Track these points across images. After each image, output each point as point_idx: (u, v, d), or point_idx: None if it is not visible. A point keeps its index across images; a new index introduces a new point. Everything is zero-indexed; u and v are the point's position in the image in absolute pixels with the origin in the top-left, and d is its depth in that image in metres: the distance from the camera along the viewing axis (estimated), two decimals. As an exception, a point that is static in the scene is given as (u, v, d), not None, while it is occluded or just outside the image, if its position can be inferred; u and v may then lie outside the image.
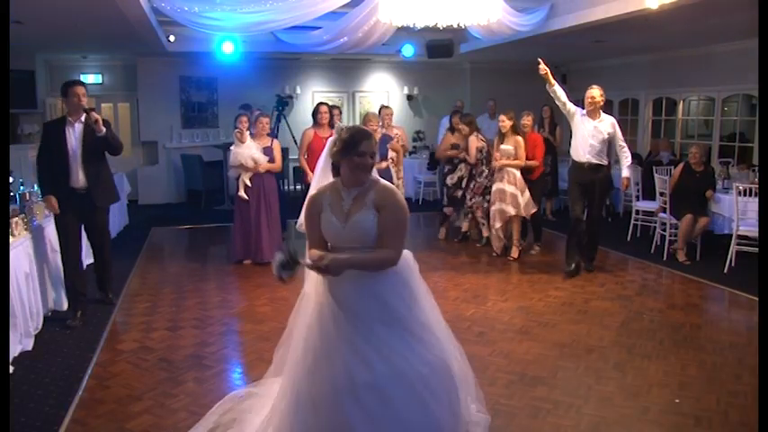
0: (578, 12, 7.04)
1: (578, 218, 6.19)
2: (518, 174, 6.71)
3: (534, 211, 6.90)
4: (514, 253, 6.88)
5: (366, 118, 6.76)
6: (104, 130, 4.60)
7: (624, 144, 6.12)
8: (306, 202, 2.70)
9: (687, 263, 6.59)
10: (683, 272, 6.35)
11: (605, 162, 6.16)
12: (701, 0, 5.66)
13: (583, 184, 6.13)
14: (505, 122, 6.80)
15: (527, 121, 7.15)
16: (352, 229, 2.53)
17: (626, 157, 6.13)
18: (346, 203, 2.57)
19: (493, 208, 6.85)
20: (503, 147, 6.77)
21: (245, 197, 6.54)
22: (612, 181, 6.13)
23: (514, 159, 6.70)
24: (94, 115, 4.55)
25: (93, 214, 4.88)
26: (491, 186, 7.00)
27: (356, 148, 2.53)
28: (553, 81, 6.03)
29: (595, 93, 5.99)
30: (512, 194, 6.68)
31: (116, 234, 8.11)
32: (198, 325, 4.81)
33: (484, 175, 7.23)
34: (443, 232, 7.96)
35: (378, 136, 6.44)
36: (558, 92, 6.09)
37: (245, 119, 6.71)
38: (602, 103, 6.00)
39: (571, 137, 6.28)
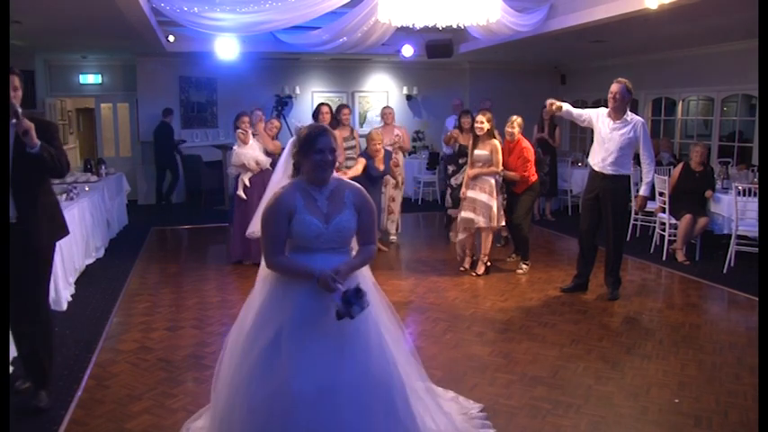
0: (578, 12, 7.04)
1: (583, 232, 5.50)
2: (492, 181, 6.02)
3: (514, 223, 6.37)
4: (479, 269, 6.20)
5: (369, 137, 6.65)
6: (38, 144, 3.09)
7: (650, 156, 5.18)
8: (270, 204, 2.53)
9: (686, 263, 6.59)
10: (683, 272, 6.35)
11: (624, 172, 5.23)
12: (701, 0, 5.66)
13: (593, 194, 5.35)
14: (483, 124, 6.01)
15: (511, 128, 6.25)
16: (336, 229, 2.49)
17: (647, 172, 5.21)
18: (322, 203, 2.52)
19: (461, 215, 6.22)
20: (477, 152, 6.07)
21: (244, 197, 6.55)
22: (629, 194, 5.32)
23: (489, 166, 6.00)
24: (25, 123, 3.04)
25: (26, 257, 3.24)
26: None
27: (314, 146, 2.49)
28: (560, 104, 5.30)
29: (615, 86, 5.12)
30: (484, 204, 5.99)
31: (116, 234, 8.13)
32: (197, 325, 4.81)
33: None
34: (454, 235, 7.84)
35: (380, 155, 6.50)
36: (569, 111, 5.38)
37: (246, 119, 6.70)
38: (623, 99, 5.12)
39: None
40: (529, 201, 6.40)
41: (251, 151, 6.53)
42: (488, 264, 6.28)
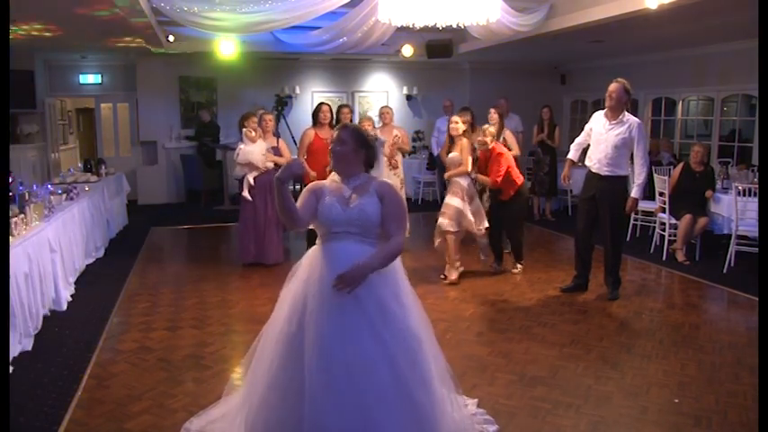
0: (578, 12, 7.04)
1: (579, 233, 5.52)
2: (464, 183, 5.80)
3: (508, 232, 6.15)
4: (451, 275, 5.91)
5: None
6: None
7: (643, 157, 5.12)
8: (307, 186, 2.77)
9: (686, 263, 6.59)
10: (683, 272, 6.35)
11: (620, 173, 5.20)
12: (701, 0, 5.66)
13: (589, 194, 5.34)
14: (457, 125, 5.84)
15: (483, 137, 5.93)
16: (353, 212, 2.59)
17: (639, 173, 5.14)
18: (347, 192, 2.66)
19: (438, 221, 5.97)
20: (450, 155, 5.89)
21: (249, 198, 6.45)
22: (627, 195, 5.28)
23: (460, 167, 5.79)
24: None
25: None
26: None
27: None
28: (567, 172, 5.60)
29: (613, 86, 5.12)
30: (455, 209, 5.75)
31: (115, 234, 8.13)
32: (197, 325, 4.81)
33: None
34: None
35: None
36: (579, 146, 5.55)
37: (255, 118, 6.57)
38: (619, 99, 5.12)
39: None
40: (517, 209, 6.10)
41: (259, 148, 6.42)
42: (460, 269, 6.01)
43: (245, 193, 6.48)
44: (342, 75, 12.01)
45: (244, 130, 6.52)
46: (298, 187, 9.95)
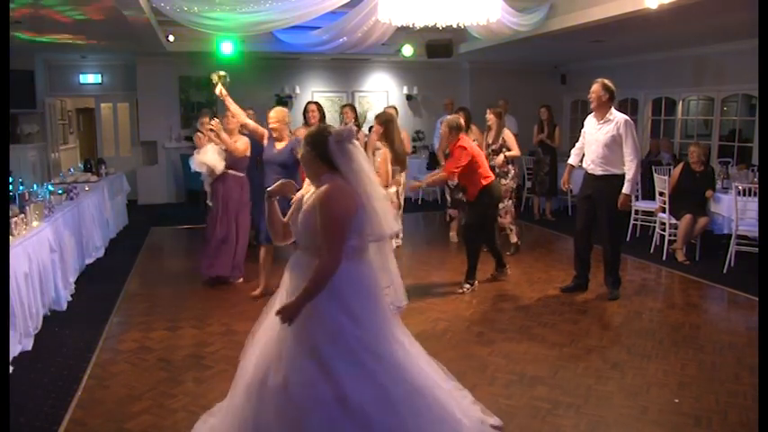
0: (578, 12, 7.04)
1: (577, 233, 5.56)
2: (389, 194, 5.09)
3: (464, 232, 5.67)
4: None
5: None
6: None
7: (632, 153, 5.08)
8: None
9: (686, 263, 6.59)
10: (683, 272, 6.35)
11: (615, 171, 5.18)
12: (701, 0, 5.66)
13: (586, 194, 5.38)
14: (377, 128, 5.44)
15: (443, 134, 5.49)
16: (299, 224, 2.54)
17: (629, 169, 5.10)
18: (306, 200, 2.58)
19: None
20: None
21: (210, 203, 6.30)
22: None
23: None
24: None
25: None
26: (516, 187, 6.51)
27: None
28: (566, 178, 5.56)
29: (593, 86, 5.18)
30: None
31: (115, 234, 8.13)
32: (197, 325, 4.81)
33: (510, 175, 6.87)
34: (454, 235, 7.87)
35: (279, 136, 5.19)
36: (579, 149, 5.50)
37: (206, 120, 6.15)
38: (599, 99, 5.15)
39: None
40: (481, 209, 5.58)
41: (202, 156, 5.92)
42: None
43: (209, 200, 6.38)
44: (342, 75, 12.01)
45: (196, 134, 6.21)
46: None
